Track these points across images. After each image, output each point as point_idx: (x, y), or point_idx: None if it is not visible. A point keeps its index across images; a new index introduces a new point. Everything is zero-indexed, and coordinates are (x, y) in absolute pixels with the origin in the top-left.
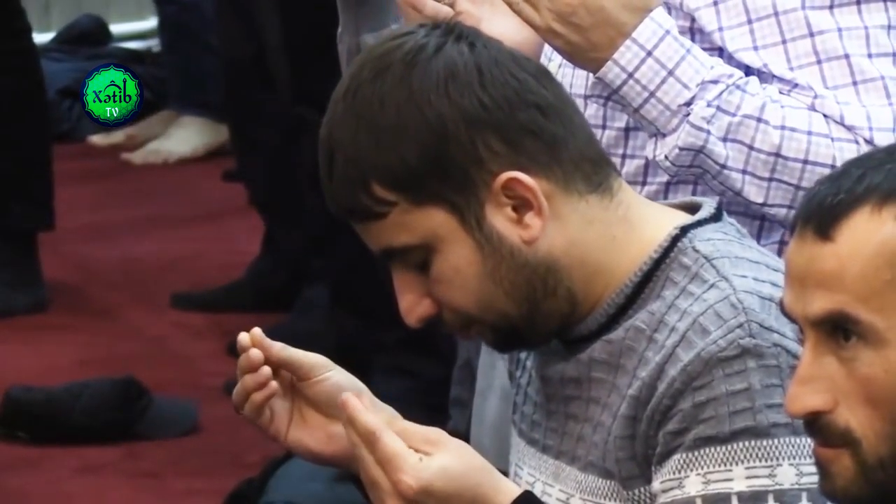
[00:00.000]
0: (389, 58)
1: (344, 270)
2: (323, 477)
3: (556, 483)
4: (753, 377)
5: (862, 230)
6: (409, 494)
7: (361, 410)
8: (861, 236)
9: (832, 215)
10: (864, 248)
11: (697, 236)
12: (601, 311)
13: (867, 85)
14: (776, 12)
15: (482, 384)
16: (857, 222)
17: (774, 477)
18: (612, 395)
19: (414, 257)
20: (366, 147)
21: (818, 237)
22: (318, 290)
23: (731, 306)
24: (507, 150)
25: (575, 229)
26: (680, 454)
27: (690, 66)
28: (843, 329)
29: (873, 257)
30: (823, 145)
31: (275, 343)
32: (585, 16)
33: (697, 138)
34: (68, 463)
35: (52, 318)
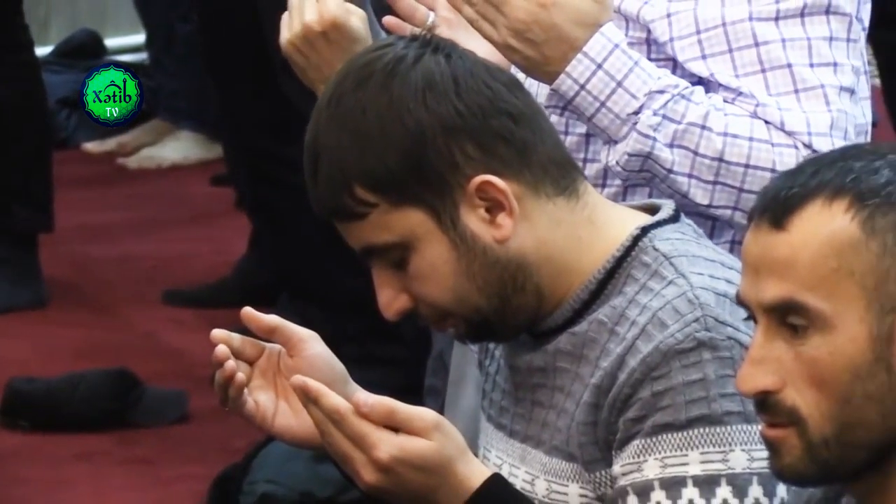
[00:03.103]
0: (371, 68)
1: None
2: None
3: (523, 465)
4: (708, 368)
5: (813, 222)
6: (384, 464)
7: (324, 391)
8: (812, 227)
9: (786, 207)
10: (815, 239)
11: (657, 236)
12: (567, 305)
13: (808, 93)
14: (724, 23)
15: (455, 375)
16: (809, 214)
17: (727, 462)
18: (576, 384)
19: (393, 255)
20: (349, 152)
21: (773, 227)
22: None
23: (688, 302)
24: (480, 155)
25: (543, 229)
26: (639, 440)
27: (638, 77)
28: (793, 315)
29: (822, 247)
30: (764, 150)
31: (269, 315)
32: (539, 32)
33: (645, 145)
34: (66, 449)
35: (51, 313)
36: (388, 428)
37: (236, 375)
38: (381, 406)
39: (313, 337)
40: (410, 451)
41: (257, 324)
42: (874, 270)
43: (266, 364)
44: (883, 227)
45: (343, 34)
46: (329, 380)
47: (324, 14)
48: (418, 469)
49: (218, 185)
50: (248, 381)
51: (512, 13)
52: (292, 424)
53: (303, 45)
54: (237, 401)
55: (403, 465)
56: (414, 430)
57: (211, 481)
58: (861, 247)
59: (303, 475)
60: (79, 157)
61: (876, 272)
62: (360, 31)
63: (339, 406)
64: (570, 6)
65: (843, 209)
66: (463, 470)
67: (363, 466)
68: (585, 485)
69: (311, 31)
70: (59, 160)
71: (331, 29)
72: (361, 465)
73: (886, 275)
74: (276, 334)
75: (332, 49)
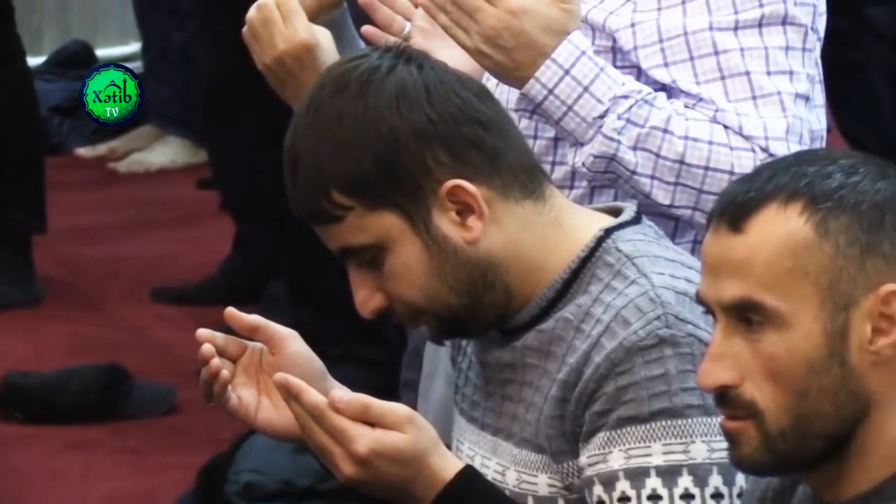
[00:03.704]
0: (347, 77)
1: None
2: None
3: (494, 457)
4: (670, 364)
5: (769, 224)
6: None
7: (304, 387)
8: (768, 230)
9: (744, 210)
10: (771, 240)
11: (620, 237)
12: (534, 303)
13: (765, 99)
14: (685, 33)
15: (428, 368)
16: (765, 217)
17: (688, 452)
18: (544, 379)
19: (368, 256)
20: (326, 157)
21: (731, 230)
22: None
23: (650, 300)
24: (451, 161)
25: (512, 231)
26: (604, 432)
27: (604, 83)
28: (751, 313)
29: (778, 248)
30: (723, 153)
31: (251, 315)
32: (509, 38)
33: (609, 147)
34: (59, 440)
35: (45, 311)
36: (365, 423)
37: (221, 373)
38: (357, 402)
39: (293, 335)
40: (386, 445)
41: (240, 323)
42: (827, 270)
43: (249, 361)
44: (835, 229)
45: (314, 56)
46: (309, 376)
47: (294, 38)
48: (394, 461)
49: (203, 188)
50: (232, 378)
51: (484, 20)
52: (274, 419)
53: (277, 67)
54: (222, 396)
55: (380, 458)
56: (388, 424)
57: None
58: (815, 248)
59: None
60: (71, 162)
61: (829, 272)
62: (330, 51)
63: (319, 402)
64: (539, 14)
65: (797, 212)
66: (436, 462)
67: (342, 460)
68: (554, 475)
69: (284, 54)
70: (52, 165)
71: (303, 52)
72: (340, 459)
73: (839, 274)
74: (257, 333)
75: (304, 70)
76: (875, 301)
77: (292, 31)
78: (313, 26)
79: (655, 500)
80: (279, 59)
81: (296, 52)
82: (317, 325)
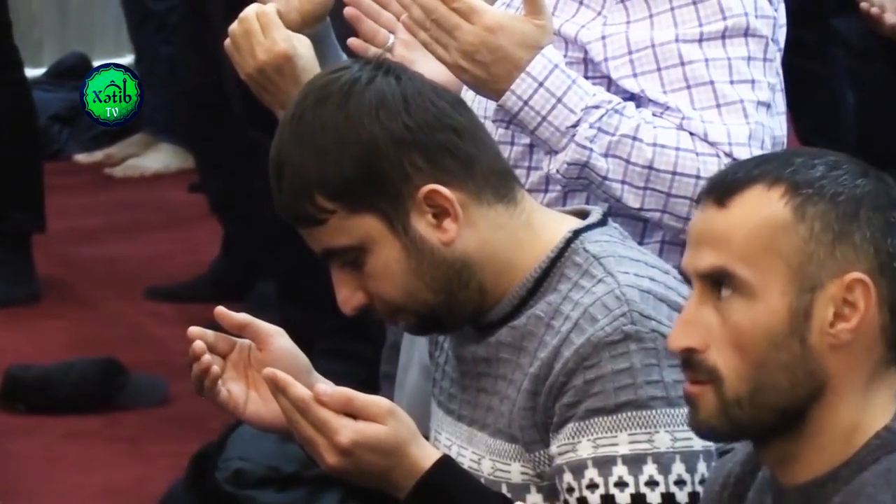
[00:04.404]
0: (329, 88)
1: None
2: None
3: (470, 446)
4: (635, 358)
5: (752, 203)
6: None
7: (290, 381)
8: (750, 207)
9: (730, 189)
10: (751, 218)
11: (587, 238)
12: (507, 301)
13: (728, 107)
14: (653, 45)
15: (404, 359)
16: (749, 197)
17: (653, 442)
18: (516, 373)
19: (350, 256)
20: (309, 164)
21: (716, 205)
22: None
23: (616, 298)
24: (428, 167)
25: (485, 233)
26: (573, 423)
27: (576, 94)
28: (724, 283)
29: (756, 226)
30: (689, 159)
31: (239, 314)
32: (486, 53)
33: (582, 155)
34: (58, 430)
35: (45, 308)
36: (347, 415)
37: (211, 368)
38: (340, 395)
39: (279, 332)
40: (367, 436)
41: (229, 321)
42: (800, 252)
43: (237, 357)
44: (812, 214)
45: (293, 65)
46: (294, 371)
47: (274, 49)
48: (375, 451)
49: (194, 192)
50: (222, 373)
51: (462, 37)
52: (262, 411)
53: (258, 76)
54: (212, 390)
55: (361, 449)
56: (370, 416)
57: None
58: (791, 230)
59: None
60: (69, 168)
61: (801, 253)
62: (309, 60)
63: (304, 395)
64: (514, 30)
65: (779, 195)
66: (415, 452)
67: (326, 450)
68: (526, 464)
69: (264, 64)
70: (51, 170)
71: (283, 62)
72: (324, 449)
73: (810, 258)
74: (245, 330)
75: (285, 79)
76: (840, 287)
77: (272, 42)
78: (293, 36)
79: (622, 487)
80: (260, 69)
81: (275, 61)
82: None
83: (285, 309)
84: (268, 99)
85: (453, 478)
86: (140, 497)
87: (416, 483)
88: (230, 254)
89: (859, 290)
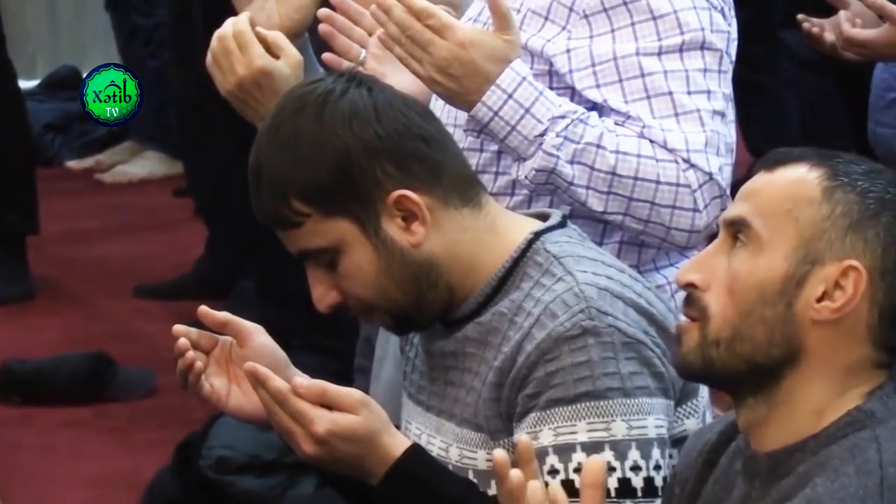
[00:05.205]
0: (305, 100)
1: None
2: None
3: (438, 435)
4: (593, 351)
5: (791, 173)
6: (320, 437)
7: (269, 375)
8: (788, 176)
9: (781, 160)
10: (785, 184)
11: (548, 239)
12: (473, 299)
13: (686, 116)
14: (615, 58)
15: (380, 354)
16: (793, 168)
17: (609, 430)
18: (482, 366)
19: (324, 257)
20: (286, 170)
21: (764, 171)
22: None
23: (575, 295)
24: (398, 173)
25: (452, 235)
26: (535, 413)
27: (543, 105)
28: (740, 232)
29: (786, 190)
30: (650, 165)
31: (221, 312)
32: (458, 67)
33: (549, 162)
34: (52, 420)
35: (39, 305)
36: (323, 406)
37: (195, 364)
38: (315, 387)
39: (259, 330)
40: (342, 425)
41: (212, 320)
42: (815, 226)
43: (220, 353)
44: (838, 199)
45: (271, 79)
46: (273, 365)
47: (252, 65)
48: (348, 440)
49: (179, 196)
50: (205, 368)
51: (436, 52)
52: (243, 404)
53: (239, 91)
54: (196, 385)
55: (336, 438)
56: (344, 406)
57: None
58: (814, 204)
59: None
60: (62, 174)
61: (816, 228)
62: (287, 74)
63: (282, 388)
64: (484, 45)
65: (817, 175)
66: (387, 441)
67: (302, 439)
68: (491, 451)
69: (243, 79)
70: (44, 176)
71: (260, 77)
72: (301, 438)
73: (822, 234)
74: (227, 328)
75: (264, 93)
76: (837, 269)
77: (249, 59)
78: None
79: (580, 473)
80: (239, 84)
81: (254, 76)
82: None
83: (264, 307)
84: (249, 114)
85: (423, 464)
86: (128, 483)
87: (388, 469)
88: (213, 254)
89: (853, 277)
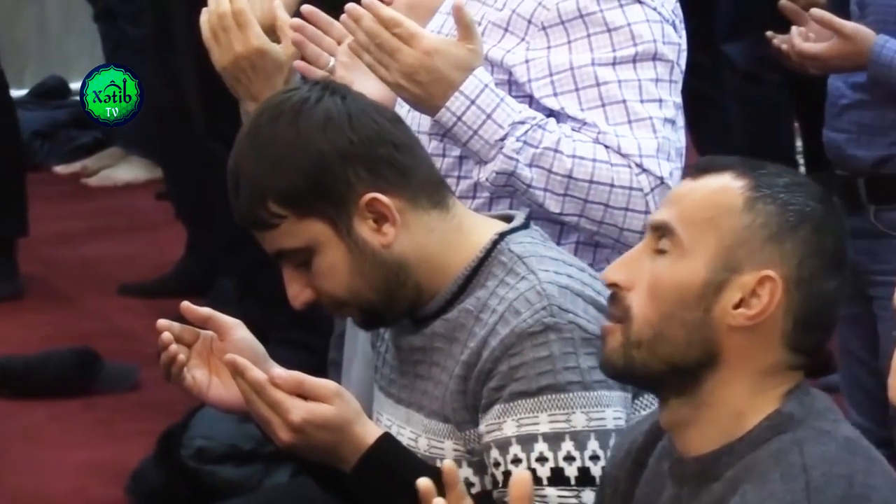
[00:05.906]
0: (282, 106)
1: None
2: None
3: (408, 426)
4: (554, 347)
5: (717, 181)
6: (296, 425)
7: (248, 366)
8: (713, 184)
9: (707, 168)
10: (708, 192)
11: (512, 240)
12: (441, 297)
13: (639, 123)
14: (572, 68)
15: (349, 352)
16: (718, 177)
17: (570, 422)
18: (449, 360)
19: (299, 257)
20: (263, 174)
21: (690, 178)
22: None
23: (537, 293)
24: (370, 177)
25: (420, 236)
26: (499, 405)
27: (503, 111)
28: (664, 237)
29: (709, 198)
30: (605, 169)
31: (202, 308)
32: (424, 74)
33: (509, 165)
34: (41, 412)
35: (27, 303)
36: (299, 396)
37: (178, 357)
38: (292, 378)
39: (239, 324)
40: (316, 415)
41: (194, 315)
42: (735, 235)
43: (201, 347)
44: (760, 210)
45: (266, 60)
46: (252, 359)
47: (249, 44)
48: (323, 429)
49: (161, 199)
50: (188, 361)
51: (402, 59)
52: (223, 395)
53: (233, 68)
54: (178, 377)
55: (311, 426)
56: (319, 397)
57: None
58: (736, 214)
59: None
60: (50, 178)
61: (736, 237)
62: (281, 57)
63: (260, 378)
64: (449, 53)
65: (740, 185)
66: (359, 430)
67: (279, 427)
68: (458, 441)
69: (240, 57)
70: (33, 180)
71: (255, 56)
72: (278, 427)
73: (742, 244)
74: (208, 323)
75: (256, 72)
76: (754, 279)
77: (247, 38)
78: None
79: (542, 462)
80: (235, 61)
81: (250, 55)
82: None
83: (243, 304)
84: (240, 91)
85: (394, 453)
86: (114, 472)
87: (361, 457)
88: (193, 254)
89: (769, 286)
